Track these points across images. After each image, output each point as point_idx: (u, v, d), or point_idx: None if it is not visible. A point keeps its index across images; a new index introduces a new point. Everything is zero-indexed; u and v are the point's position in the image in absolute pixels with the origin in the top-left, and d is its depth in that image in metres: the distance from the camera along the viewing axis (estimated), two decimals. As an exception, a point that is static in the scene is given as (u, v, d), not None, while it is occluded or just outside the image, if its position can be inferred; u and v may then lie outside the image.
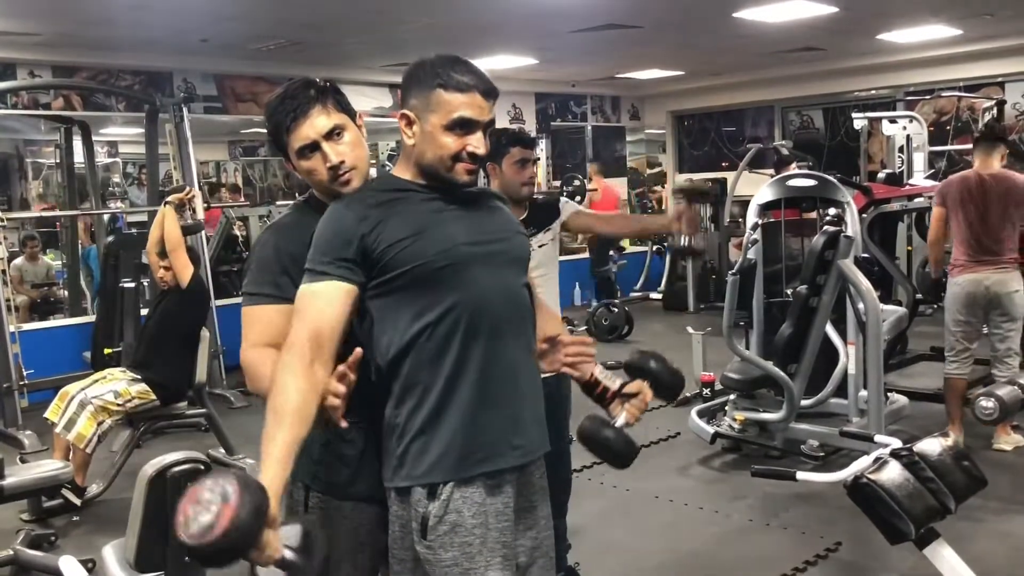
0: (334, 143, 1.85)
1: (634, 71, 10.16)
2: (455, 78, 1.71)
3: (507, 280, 1.79)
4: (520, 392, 1.79)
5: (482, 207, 1.85)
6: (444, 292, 1.70)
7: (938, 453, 2.06)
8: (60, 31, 6.43)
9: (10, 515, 4.11)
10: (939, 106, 9.52)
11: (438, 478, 1.70)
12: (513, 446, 1.76)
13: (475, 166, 1.77)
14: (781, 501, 4.19)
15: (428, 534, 1.70)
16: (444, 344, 1.70)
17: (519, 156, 3.03)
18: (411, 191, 1.78)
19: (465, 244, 1.74)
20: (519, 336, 1.80)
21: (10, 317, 5.96)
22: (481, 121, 1.74)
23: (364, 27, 6.80)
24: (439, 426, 1.71)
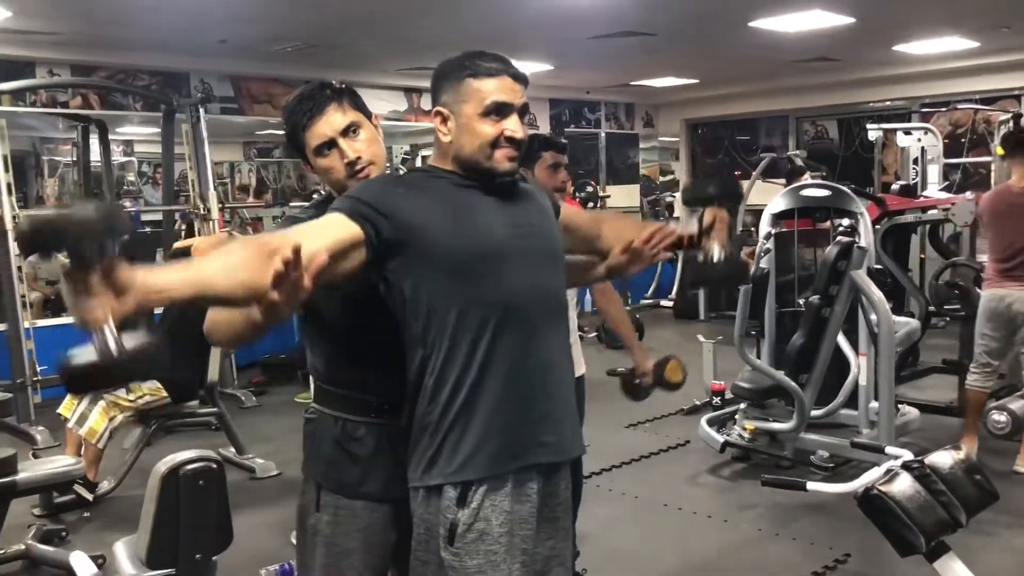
0: (350, 140, 1.87)
1: (649, 79, 10.16)
2: (483, 65, 1.72)
3: (541, 276, 1.78)
4: (551, 390, 1.78)
5: (519, 199, 1.83)
6: (478, 285, 1.69)
7: (950, 466, 2.05)
8: (79, 30, 6.48)
9: (22, 510, 4.13)
10: (955, 118, 9.49)
11: (471, 475, 1.69)
12: (543, 443, 1.75)
13: (515, 152, 1.75)
14: (790, 511, 4.18)
15: (456, 541, 1.70)
16: (476, 339, 1.69)
17: (551, 161, 3.08)
18: (447, 178, 1.76)
19: (500, 237, 1.72)
20: (552, 333, 1.79)
21: (24, 313, 6.00)
22: (515, 104, 1.74)
23: (380, 31, 6.84)
24: (471, 422, 1.69)
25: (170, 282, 1.38)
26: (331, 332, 1.92)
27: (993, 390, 4.77)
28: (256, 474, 4.91)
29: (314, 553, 1.93)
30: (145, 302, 1.34)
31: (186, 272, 1.41)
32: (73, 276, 1.28)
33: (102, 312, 1.29)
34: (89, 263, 1.29)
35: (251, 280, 1.42)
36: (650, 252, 1.98)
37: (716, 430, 4.98)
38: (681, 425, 5.69)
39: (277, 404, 6.66)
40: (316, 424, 1.95)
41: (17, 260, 5.97)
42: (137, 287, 1.32)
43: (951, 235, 7.35)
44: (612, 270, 2.03)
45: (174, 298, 1.39)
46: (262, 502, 4.51)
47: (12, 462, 3.60)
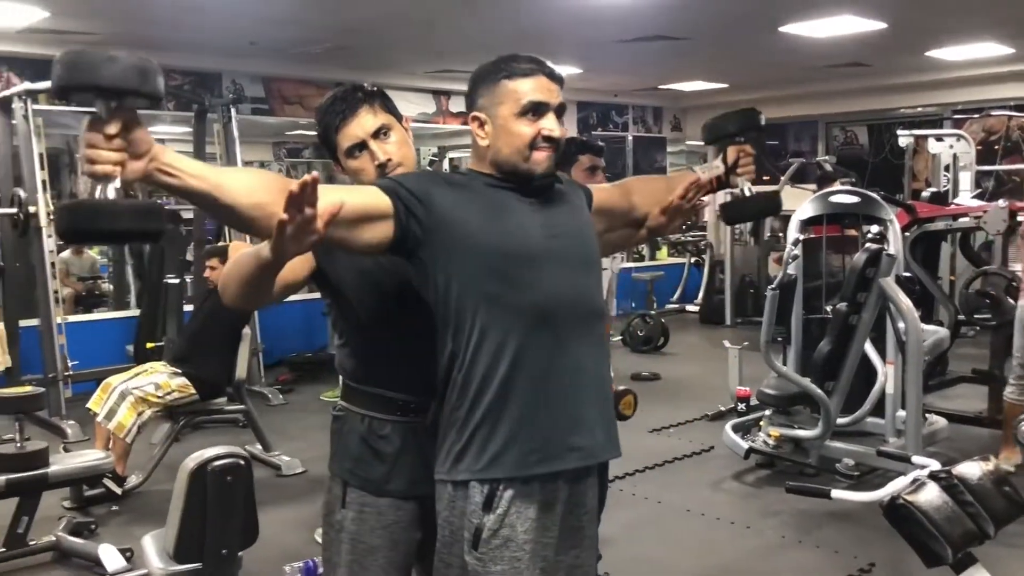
0: (381, 142, 1.89)
1: (677, 83, 10.13)
2: (518, 66, 1.74)
3: (575, 280, 1.77)
4: (583, 393, 1.76)
5: (555, 200, 1.82)
6: (511, 285, 1.69)
7: (978, 477, 2.03)
8: (116, 31, 6.58)
9: (53, 502, 4.20)
10: (988, 125, 9.38)
11: (498, 473, 1.69)
12: (573, 447, 1.73)
13: (553, 152, 1.75)
14: (815, 519, 4.15)
15: (480, 546, 1.70)
16: (505, 338, 1.68)
17: (588, 163, 3.12)
18: (485, 179, 1.77)
19: (537, 239, 1.72)
20: (586, 336, 1.78)
21: (56, 309, 6.09)
22: (552, 104, 1.75)
23: (408, 33, 6.87)
24: (500, 419, 1.69)
25: (187, 167, 1.40)
26: (362, 330, 1.93)
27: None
28: (282, 471, 4.95)
29: (339, 549, 1.95)
30: (157, 175, 1.36)
31: (206, 168, 1.43)
32: (95, 121, 1.31)
33: (113, 165, 1.31)
34: (115, 110, 1.31)
35: (267, 203, 1.43)
36: (688, 205, 2.02)
37: (741, 436, 4.96)
38: (706, 430, 5.67)
39: (304, 402, 6.71)
40: (343, 422, 1.97)
41: (50, 257, 6.07)
42: (154, 155, 1.34)
43: (983, 243, 7.27)
44: (654, 231, 2.10)
45: (186, 184, 1.39)
46: (288, 499, 4.55)
47: (44, 455, 3.67)
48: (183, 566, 2.57)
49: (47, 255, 6.00)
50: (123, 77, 1.32)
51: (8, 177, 6.23)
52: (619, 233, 2.11)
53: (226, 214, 1.47)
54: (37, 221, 5.91)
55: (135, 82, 1.33)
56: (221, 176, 1.45)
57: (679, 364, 8.01)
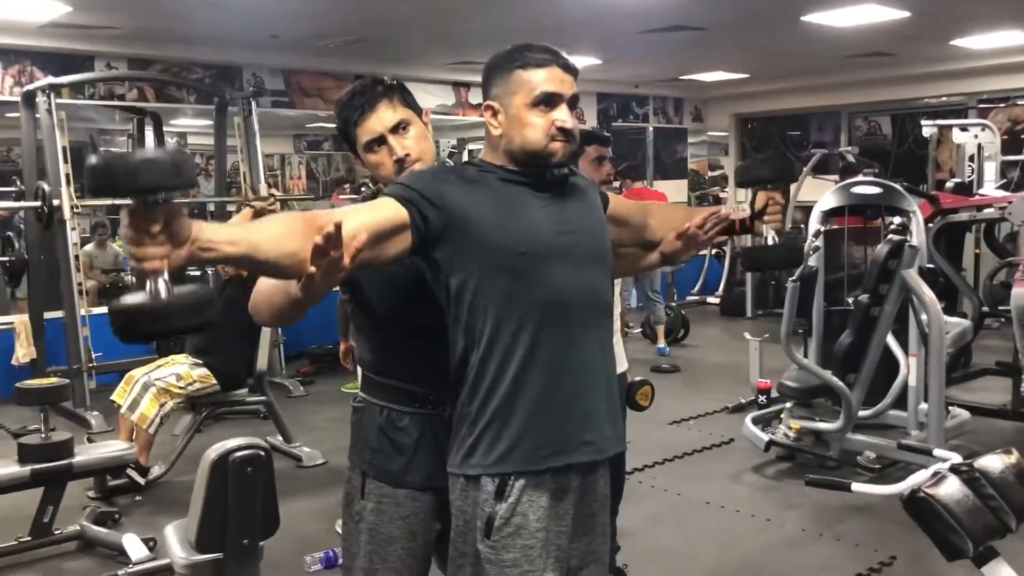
0: (400, 137, 1.89)
1: (698, 73, 10.07)
2: (532, 56, 1.73)
3: (586, 276, 1.78)
4: (593, 389, 1.78)
5: (569, 195, 1.82)
6: (522, 282, 1.69)
7: (1000, 470, 2.01)
8: (138, 25, 6.63)
9: (78, 492, 4.26)
10: (1014, 114, 9.27)
11: (509, 468, 1.70)
12: (584, 441, 1.75)
13: (566, 143, 1.74)
14: (835, 512, 4.13)
15: (492, 534, 1.71)
16: (517, 335, 1.69)
17: (595, 154, 3.06)
18: (497, 172, 1.77)
19: (548, 234, 1.72)
20: (595, 332, 1.79)
21: (80, 301, 6.16)
22: (565, 95, 1.74)
23: (428, 25, 6.87)
24: (511, 416, 1.70)
25: (222, 238, 1.43)
26: (380, 323, 1.94)
27: None
28: (303, 462, 4.99)
29: (358, 540, 1.96)
30: (198, 254, 1.40)
31: (238, 232, 1.47)
32: (136, 219, 1.33)
33: (159, 259, 1.35)
34: (153, 207, 1.34)
35: (297, 251, 1.47)
36: (704, 237, 2.00)
37: (761, 428, 4.94)
38: (725, 423, 5.65)
39: (324, 394, 6.75)
40: (362, 413, 1.98)
41: (74, 249, 6.12)
42: (194, 237, 1.38)
43: (1007, 234, 7.18)
44: (667, 257, 2.08)
45: (224, 253, 1.44)
46: (308, 490, 4.58)
47: (69, 445, 3.72)
48: (205, 556, 2.59)
49: (71, 248, 6.07)
50: (161, 178, 1.34)
51: (32, 171, 6.29)
52: (630, 252, 2.11)
53: (263, 269, 1.53)
54: (61, 214, 5.97)
55: (172, 179, 1.36)
56: (252, 235, 1.48)
57: (699, 356, 7.98)
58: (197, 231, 1.38)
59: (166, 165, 1.35)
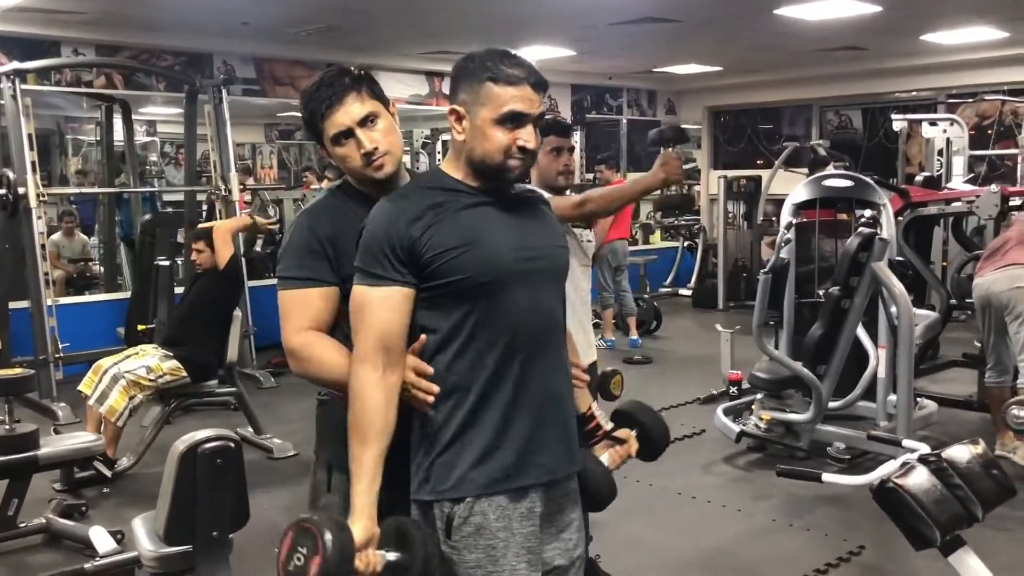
0: (368, 130, 1.87)
1: (672, 66, 10.09)
2: (505, 71, 1.70)
3: (544, 299, 1.78)
4: (550, 411, 1.77)
5: (530, 214, 1.83)
6: (484, 310, 1.70)
7: (967, 460, 2.04)
8: (104, 10, 6.52)
9: (43, 484, 4.20)
10: (981, 109, 9.38)
11: (463, 493, 1.70)
12: (538, 464, 1.75)
13: (526, 161, 1.74)
14: (805, 502, 4.17)
15: (453, 534, 1.70)
16: (478, 361, 1.70)
17: (553, 144, 2.97)
18: (461, 192, 1.75)
19: (509, 261, 1.72)
20: (552, 353, 1.79)
21: (47, 291, 6.06)
22: (531, 114, 1.72)
23: (402, 14, 6.82)
24: (467, 443, 1.70)
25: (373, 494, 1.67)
26: (346, 314, 1.92)
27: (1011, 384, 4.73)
28: (273, 454, 4.95)
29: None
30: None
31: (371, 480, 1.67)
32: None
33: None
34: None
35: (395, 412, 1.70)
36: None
37: (732, 420, 4.97)
38: (697, 414, 5.68)
39: (295, 385, 6.69)
40: (328, 406, 1.97)
41: (40, 238, 6.03)
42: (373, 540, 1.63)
43: (975, 228, 7.27)
44: None
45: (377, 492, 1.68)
46: (279, 482, 4.55)
47: (34, 437, 3.66)
48: (174, 548, 2.57)
49: (37, 237, 5.97)
50: None
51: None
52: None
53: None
54: (27, 202, 5.87)
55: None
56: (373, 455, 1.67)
57: (672, 348, 8.02)
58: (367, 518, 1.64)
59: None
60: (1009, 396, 4.60)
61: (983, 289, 4.58)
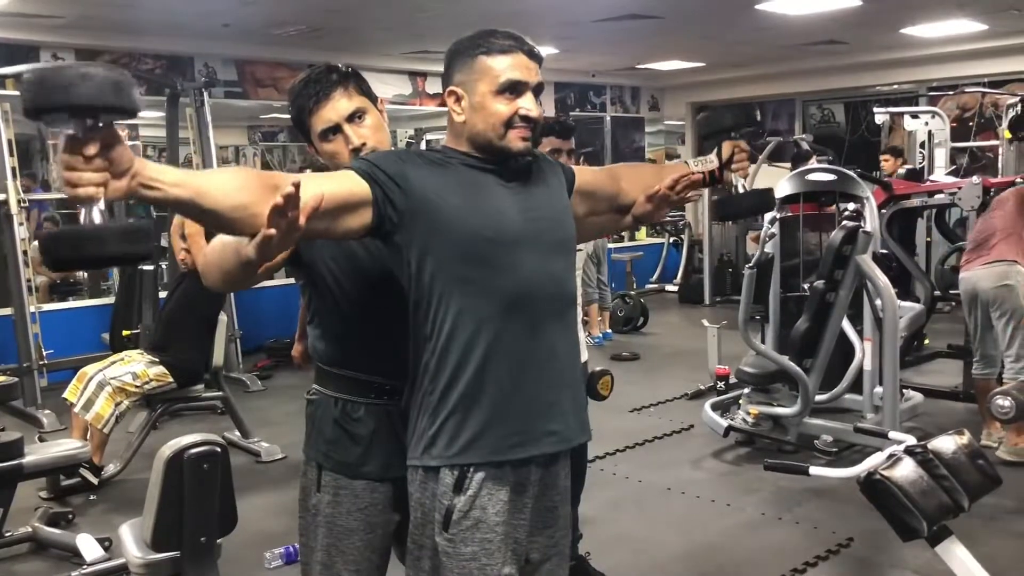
0: (356, 126, 1.86)
1: (654, 62, 10.11)
2: (497, 43, 1.69)
3: (552, 265, 1.75)
4: (558, 378, 1.76)
5: (533, 183, 1.80)
6: (487, 269, 1.67)
7: (952, 451, 2.05)
8: (83, 14, 6.47)
9: (29, 493, 4.16)
10: (962, 102, 9.44)
11: (470, 459, 1.68)
12: (548, 432, 1.73)
13: (529, 131, 1.72)
14: (794, 495, 4.18)
15: (451, 527, 1.69)
16: (481, 323, 1.66)
17: (553, 146, 2.92)
18: (462, 158, 1.74)
19: (515, 221, 1.70)
20: (559, 321, 1.77)
21: (30, 297, 6.02)
22: (529, 83, 1.71)
23: (385, 14, 6.80)
24: (473, 406, 1.68)
25: (168, 177, 1.38)
26: (335, 311, 1.92)
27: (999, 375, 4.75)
28: (261, 458, 4.93)
29: (316, 533, 1.94)
30: (140, 190, 1.34)
31: (186, 175, 1.41)
32: (73, 141, 1.27)
33: (95, 186, 1.28)
34: (90, 129, 1.27)
35: (248, 204, 1.43)
36: (676, 197, 1.98)
37: (720, 415, 4.98)
38: (685, 409, 5.70)
39: (282, 388, 6.68)
40: (317, 406, 1.96)
41: (22, 244, 5.98)
42: (136, 170, 1.32)
43: (957, 219, 7.32)
44: (639, 219, 2.05)
45: (168, 195, 1.38)
46: (267, 485, 4.53)
47: (19, 445, 3.62)
48: (161, 555, 2.55)
49: (19, 243, 5.93)
50: (98, 94, 1.27)
51: (-24, 165, 6.12)
52: (604, 218, 2.08)
53: (210, 219, 1.46)
54: (7, 209, 5.83)
55: (111, 98, 1.28)
56: (201, 181, 1.43)
57: (658, 343, 8.03)
58: (140, 165, 1.33)
59: (105, 82, 1.27)
60: (995, 387, 4.63)
61: (970, 284, 4.60)
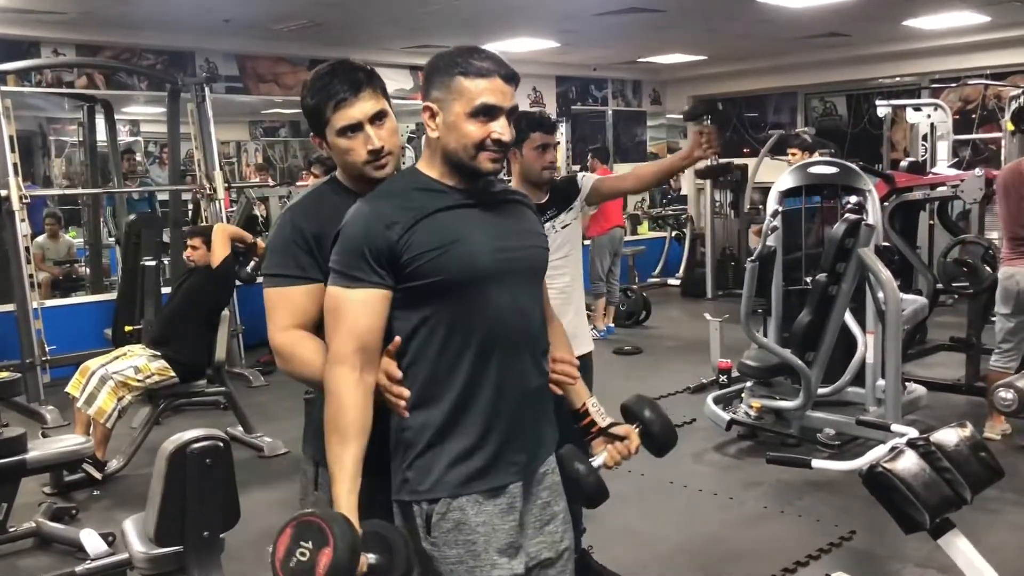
0: (377, 128, 1.86)
1: (656, 55, 10.09)
2: (475, 65, 1.70)
3: (522, 298, 1.78)
4: (527, 411, 1.78)
5: (508, 211, 1.83)
6: (462, 309, 1.70)
7: (955, 443, 2.04)
8: (84, 10, 6.46)
9: (33, 488, 4.17)
10: (965, 94, 9.41)
11: (439, 494, 1.70)
12: (512, 462, 1.76)
13: (500, 154, 1.74)
14: (796, 489, 4.18)
15: (432, 531, 1.70)
16: (456, 361, 1.70)
17: (540, 141, 2.99)
18: (438, 192, 1.75)
19: (487, 260, 1.71)
20: (530, 352, 1.80)
21: (32, 293, 6.03)
22: (504, 107, 1.72)
23: (385, 8, 6.79)
24: (444, 447, 1.70)
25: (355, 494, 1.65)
26: None
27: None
28: (264, 452, 4.94)
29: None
30: None
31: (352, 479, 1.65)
32: None
33: None
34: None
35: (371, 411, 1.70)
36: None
37: (722, 408, 4.99)
38: (687, 403, 5.70)
39: (285, 383, 6.65)
40: (315, 404, 1.96)
41: (24, 240, 5.99)
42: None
43: (960, 212, 7.31)
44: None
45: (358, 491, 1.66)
46: (270, 480, 4.54)
47: (22, 441, 3.63)
48: (164, 549, 2.56)
49: (21, 239, 5.93)
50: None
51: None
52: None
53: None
54: (9, 205, 5.83)
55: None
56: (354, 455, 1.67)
57: (661, 337, 8.03)
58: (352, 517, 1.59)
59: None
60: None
61: (1014, 280, 4.55)
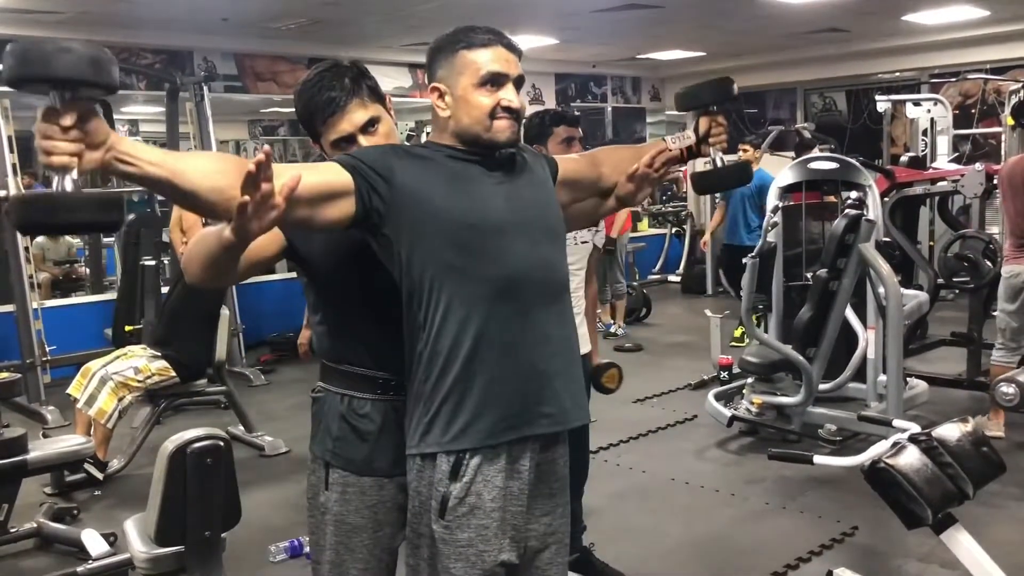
0: (370, 136, 1.86)
1: (655, 52, 10.08)
2: (477, 37, 1.72)
3: (540, 250, 1.77)
4: (552, 361, 1.77)
5: (518, 173, 1.81)
6: (475, 256, 1.69)
7: (957, 438, 2.04)
8: (82, 9, 6.45)
9: (34, 489, 4.17)
10: (964, 89, 9.41)
11: (465, 444, 1.69)
12: (543, 414, 1.75)
13: (514, 121, 1.74)
14: (798, 485, 4.18)
15: (447, 514, 1.71)
16: (471, 310, 1.68)
17: (565, 135, 3.01)
18: (447, 150, 1.75)
19: (500, 209, 1.72)
20: (552, 306, 1.78)
21: (32, 294, 6.02)
22: (510, 74, 1.73)
23: (383, 6, 6.78)
24: (467, 392, 1.69)
25: (145, 154, 1.41)
26: (337, 307, 1.92)
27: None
28: (265, 452, 4.94)
29: (325, 532, 1.93)
30: (115, 164, 1.37)
31: (164, 155, 1.44)
32: (50, 112, 1.31)
33: (71, 156, 1.32)
34: (70, 101, 1.32)
35: (226, 187, 1.44)
36: (655, 174, 1.97)
37: (723, 404, 4.98)
38: (688, 400, 5.69)
39: (285, 382, 6.69)
40: (322, 403, 1.95)
41: (24, 241, 5.98)
42: (111, 144, 1.36)
43: (960, 207, 7.30)
44: (622, 200, 2.04)
45: (144, 172, 1.40)
46: (271, 479, 4.53)
47: (23, 441, 3.62)
48: (166, 549, 2.56)
49: (20, 240, 5.92)
50: (76, 68, 1.32)
51: (-24, 161, 6.12)
52: (588, 203, 2.07)
53: (186, 200, 1.47)
54: (8, 205, 5.81)
55: (89, 73, 1.33)
56: (179, 162, 1.44)
57: (662, 334, 8.03)
58: (116, 139, 1.37)
59: (83, 57, 1.32)
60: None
61: (1021, 279, 4.53)
